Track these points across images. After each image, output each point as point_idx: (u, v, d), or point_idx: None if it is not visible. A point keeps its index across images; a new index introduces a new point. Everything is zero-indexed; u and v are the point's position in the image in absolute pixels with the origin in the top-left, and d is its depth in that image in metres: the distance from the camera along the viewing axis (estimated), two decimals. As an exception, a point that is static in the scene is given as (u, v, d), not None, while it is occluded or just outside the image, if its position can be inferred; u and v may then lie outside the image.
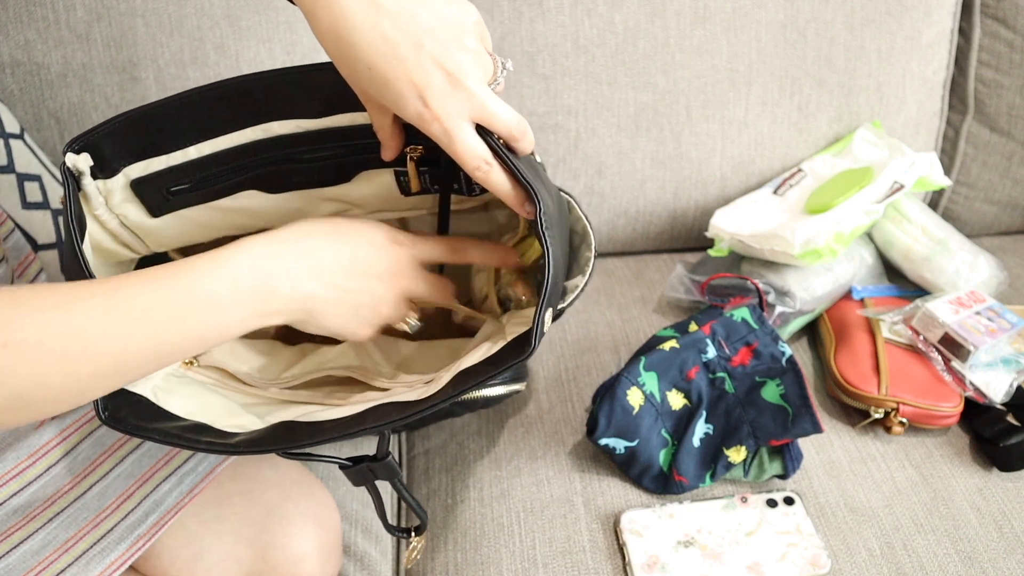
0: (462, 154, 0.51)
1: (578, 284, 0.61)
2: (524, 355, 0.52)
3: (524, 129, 0.53)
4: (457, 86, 0.49)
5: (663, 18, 0.93)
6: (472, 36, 0.50)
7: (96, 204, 0.59)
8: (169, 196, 0.61)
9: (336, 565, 0.70)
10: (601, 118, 0.96)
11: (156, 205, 0.61)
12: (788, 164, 1.02)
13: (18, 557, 0.57)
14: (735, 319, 0.80)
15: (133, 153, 0.58)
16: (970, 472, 0.75)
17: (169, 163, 0.59)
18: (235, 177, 0.62)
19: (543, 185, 0.56)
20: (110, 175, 0.58)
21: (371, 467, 0.58)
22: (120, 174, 0.59)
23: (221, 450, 0.54)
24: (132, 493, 0.61)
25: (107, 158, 0.57)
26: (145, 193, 0.60)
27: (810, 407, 0.72)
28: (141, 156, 0.59)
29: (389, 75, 0.48)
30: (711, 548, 0.68)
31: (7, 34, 0.82)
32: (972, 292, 0.86)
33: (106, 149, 0.57)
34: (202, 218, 0.63)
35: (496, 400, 0.80)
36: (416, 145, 0.59)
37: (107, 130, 0.56)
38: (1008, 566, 0.68)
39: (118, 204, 0.60)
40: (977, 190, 1.08)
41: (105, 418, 0.52)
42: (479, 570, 0.70)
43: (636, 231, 1.05)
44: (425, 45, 0.48)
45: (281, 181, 0.63)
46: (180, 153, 0.59)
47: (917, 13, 0.97)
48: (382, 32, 0.47)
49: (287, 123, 0.60)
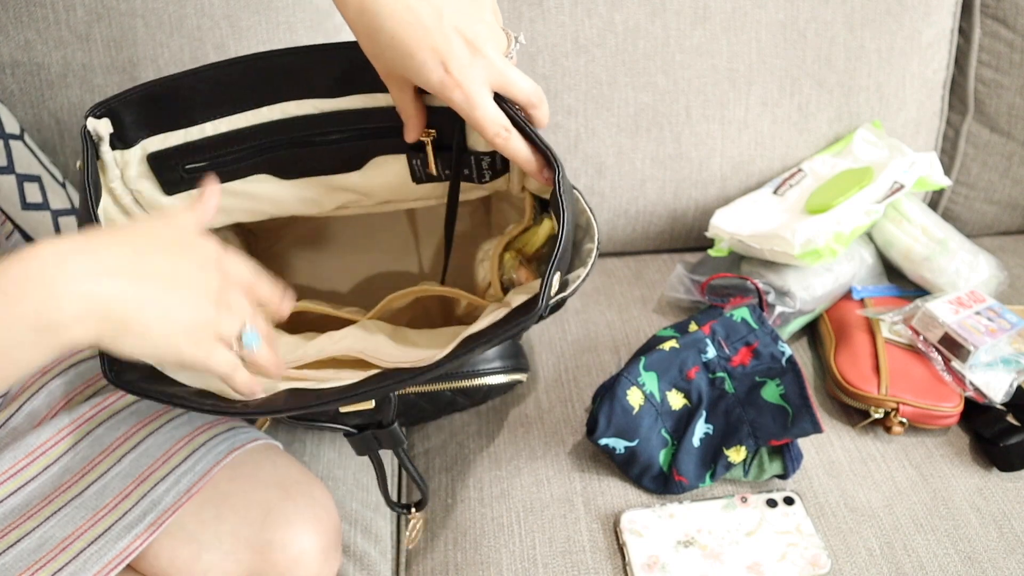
0: (482, 120, 0.52)
1: (579, 275, 0.62)
2: (532, 313, 0.51)
3: (541, 97, 0.55)
4: (477, 54, 0.51)
5: (663, 18, 0.93)
6: (488, 10, 0.53)
7: (112, 176, 0.59)
8: (184, 174, 0.61)
9: (335, 565, 0.70)
10: (601, 118, 0.96)
11: (171, 183, 0.61)
12: (788, 164, 1.02)
13: (15, 555, 0.57)
14: (735, 319, 0.80)
15: (152, 125, 0.59)
16: (970, 472, 0.75)
17: (186, 138, 0.60)
18: (250, 159, 0.62)
19: None
20: (128, 146, 0.59)
21: (376, 434, 0.58)
22: (138, 146, 0.59)
23: (227, 412, 0.52)
24: (130, 492, 0.61)
25: (126, 127, 0.58)
26: (161, 169, 0.60)
27: (810, 407, 0.72)
28: (159, 128, 0.59)
29: (412, 44, 0.50)
30: (711, 548, 0.68)
31: (7, 34, 0.82)
32: (972, 292, 0.86)
33: (126, 118, 0.58)
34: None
35: (498, 390, 0.79)
36: (430, 129, 0.60)
37: (128, 97, 0.57)
38: (1008, 566, 0.67)
39: (134, 179, 0.60)
40: (977, 190, 1.08)
41: (112, 378, 0.51)
42: (479, 570, 0.70)
43: (636, 231, 1.05)
44: (446, 15, 0.50)
45: (294, 167, 0.64)
46: (197, 129, 0.60)
47: (917, 13, 0.97)
48: (406, 2, 0.49)
49: (304, 103, 0.61)
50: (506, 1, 0.91)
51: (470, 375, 0.76)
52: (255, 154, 0.62)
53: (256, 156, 0.62)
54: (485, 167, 0.63)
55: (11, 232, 0.71)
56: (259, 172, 0.63)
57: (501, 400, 0.85)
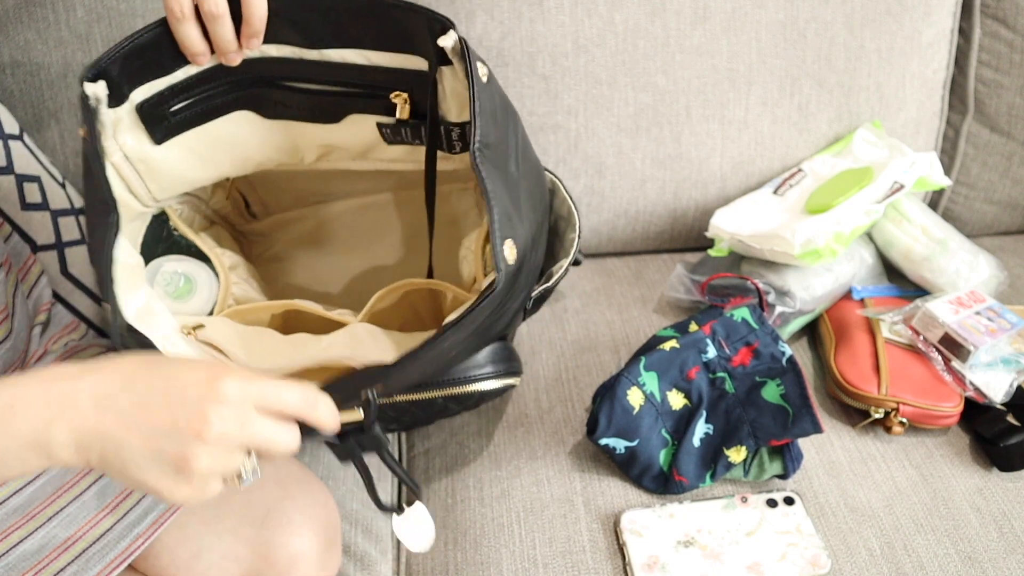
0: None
1: (562, 265, 0.62)
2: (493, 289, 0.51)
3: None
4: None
5: (663, 18, 0.93)
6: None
7: (107, 135, 0.60)
8: (170, 117, 0.62)
9: (336, 564, 0.70)
10: (601, 118, 0.96)
11: (160, 130, 0.62)
12: (788, 164, 1.02)
13: (18, 556, 0.57)
14: (735, 319, 0.80)
15: (139, 75, 0.60)
16: (970, 472, 0.75)
17: (171, 82, 0.61)
18: (231, 93, 0.63)
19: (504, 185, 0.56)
20: (120, 102, 0.59)
21: (358, 440, 0.58)
22: (127, 100, 0.60)
23: None
24: (131, 492, 0.61)
25: (116, 83, 0.59)
26: (149, 118, 0.61)
27: (810, 407, 0.72)
28: (146, 78, 0.60)
29: None
30: (711, 548, 0.68)
31: (7, 34, 0.82)
32: (972, 292, 0.86)
33: (115, 74, 0.58)
34: (200, 146, 0.64)
35: (490, 395, 0.79)
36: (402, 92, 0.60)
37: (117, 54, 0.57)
38: (1008, 566, 0.68)
39: (124, 132, 0.61)
40: (977, 190, 1.08)
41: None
42: (479, 570, 0.70)
43: (636, 231, 1.05)
44: None
45: (274, 107, 0.64)
46: (181, 71, 0.61)
47: (917, 13, 0.97)
48: None
49: (284, 48, 0.61)
50: (506, 1, 0.91)
51: (460, 382, 0.74)
52: (236, 88, 0.63)
53: (237, 91, 0.63)
54: (455, 138, 0.64)
55: (10, 234, 0.71)
56: (241, 108, 0.64)
57: (501, 400, 0.85)
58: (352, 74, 0.62)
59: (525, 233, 0.57)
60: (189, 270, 0.74)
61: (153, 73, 0.60)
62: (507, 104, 0.62)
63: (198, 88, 0.62)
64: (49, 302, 0.73)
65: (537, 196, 0.65)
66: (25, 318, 0.69)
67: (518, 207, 0.58)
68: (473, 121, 0.53)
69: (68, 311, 0.74)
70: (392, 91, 0.62)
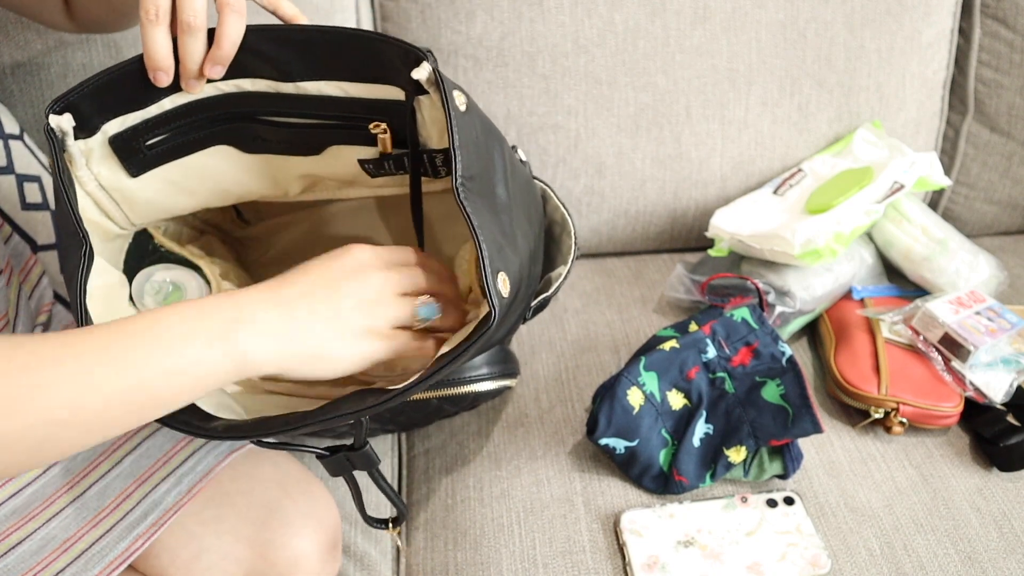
0: None
1: (561, 273, 0.61)
2: (488, 325, 0.51)
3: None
4: None
5: (663, 18, 0.93)
6: None
7: (79, 164, 0.59)
8: (146, 151, 0.61)
9: (335, 564, 0.70)
10: (601, 118, 0.96)
11: (134, 163, 0.61)
12: (788, 164, 1.02)
13: (17, 557, 0.57)
14: (735, 319, 0.80)
15: (111, 109, 0.59)
16: (970, 472, 0.75)
17: (145, 116, 0.60)
18: (208, 128, 0.62)
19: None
20: (90, 134, 0.59)
21: (349, 457, 0.58)
22: (99, 132, 0.59)
23: (197, 433, 0.52)
24: (131, 492, 0.61)
25: (87, 116, 0.58)
26: (123, 151, 0.60)
27: (810, 407, 0.72)
28: (119, 112, 0.59)
29: None
30: (711, 548, 0.68)
31: (7, 34, 0.82)
32: (972, 292, 0.86)
33: (85, 108, 0.57)
34: (179, 178, 0.63)
35: (486, 396, 0.79)
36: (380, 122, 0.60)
37: (84, 90, 0.56)
38: (1008, 566, 0.68)
39: (96, 162, 0.60)
40: (977, 190, 1.08)
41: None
42: (479, 570, 0.70)
43: (636, 231, 1.05)
44: None
45: (253, 141, 0.64)
46: (155, 107, 0.60)
47: (917, 13, 0.97)
48: None
49: (259, 82, 0.60)
50: (506, 1, 0.91)
51: (456, 383, 0.75)
52: (212, 123, 0.62)
53: (213, 126, 0.62)
54: (440, 164, 0.63)
55: (10, 235, 0.71)
56: (218, 143, 0.63)
57: (501, 400, 0.85)
58: (330, 106, 0.61)
59: (520, 258, 0.58)
60: (178, 278, 0.74)
61: (126, 107, 0.59)
62: (489, 127, 0.61)
63: (174, 123, 0.61)
64: (50, 302, 0.73)
65: (532, 209, 0.65)
66: (28, 321, 0.69)
67: (510, 234, 0.58)
68: (454, 155, 0.52)
69: (68, 311, 0.74)
70: (371, 121, 0.62)
